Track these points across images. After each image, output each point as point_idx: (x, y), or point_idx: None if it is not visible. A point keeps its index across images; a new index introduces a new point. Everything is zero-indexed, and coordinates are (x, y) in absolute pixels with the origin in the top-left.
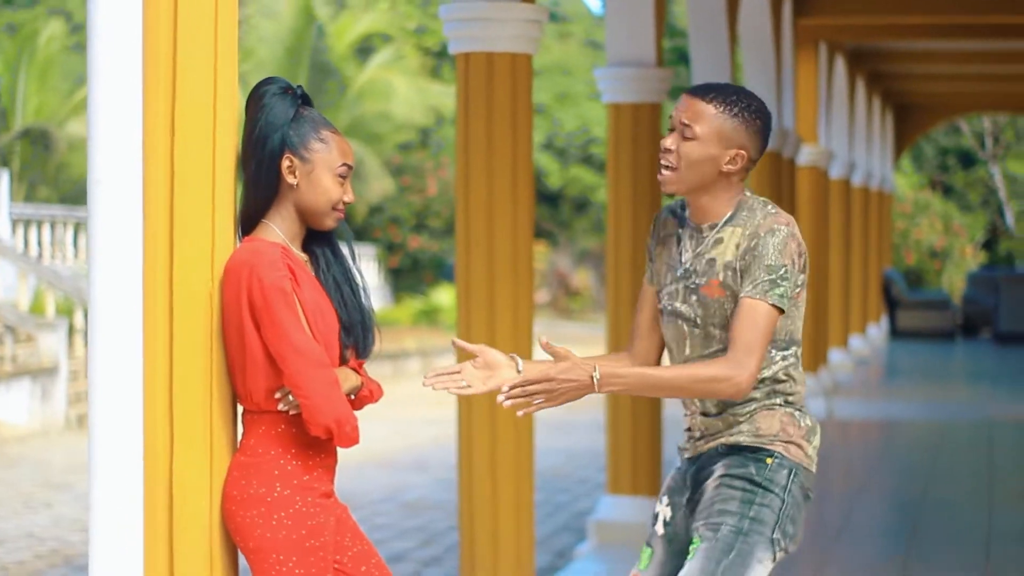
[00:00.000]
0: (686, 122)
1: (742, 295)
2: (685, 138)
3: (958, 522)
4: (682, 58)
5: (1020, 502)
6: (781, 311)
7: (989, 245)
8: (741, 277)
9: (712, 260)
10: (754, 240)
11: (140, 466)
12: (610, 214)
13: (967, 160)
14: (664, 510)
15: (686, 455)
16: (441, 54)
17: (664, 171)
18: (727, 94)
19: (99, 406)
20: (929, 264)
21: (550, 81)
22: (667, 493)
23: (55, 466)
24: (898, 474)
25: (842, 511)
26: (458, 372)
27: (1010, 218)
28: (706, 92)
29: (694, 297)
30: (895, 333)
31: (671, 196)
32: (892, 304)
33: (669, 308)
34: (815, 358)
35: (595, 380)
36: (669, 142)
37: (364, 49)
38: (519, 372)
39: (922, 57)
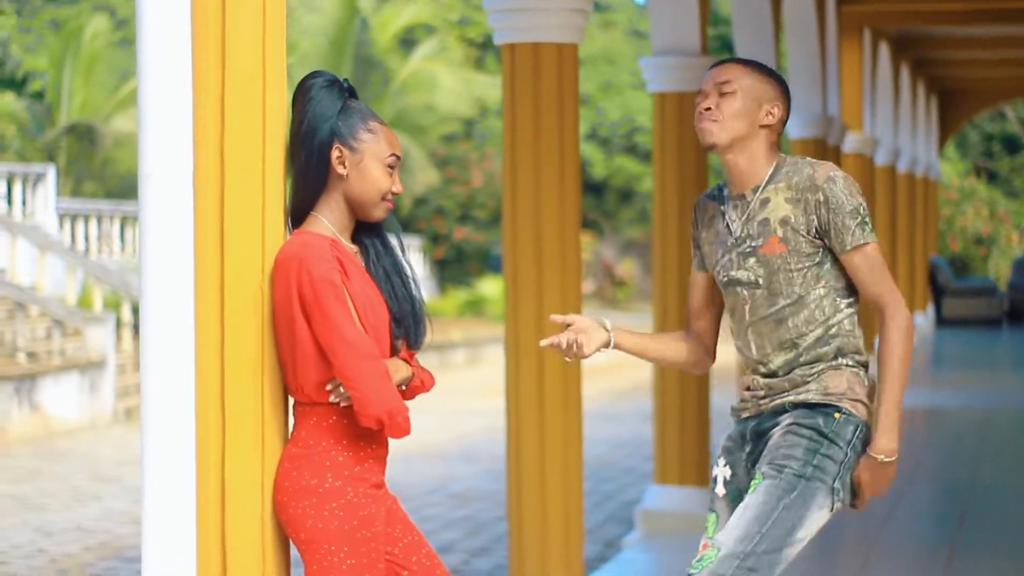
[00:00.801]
0: (724, 80)
1: (847, 248)
2: (724, 94)
3: (1006, 510)
4: (725, 46)
5: None
6: (877, 242)
7: None
8: (824, 232)
9: (765, 220)
10: (817, 193)
11: (192, 458)
12: (656, 203)
13: (1012, 146)
14: (723, 471)
15: (744, 415)
16: (484, 45)
17: (706, 123)
18: (752, 61)
19: (151, 399)
20: (975, 251)
21: (594, 70)
22: (723, 454)
23: (104, 459)
24: (945, 462)
25: (889, 498)
26: (560, 342)
27: None
28: (734, 59)
29: (752, 260)
30: (941, 321)
31: (711, 150)
32: (938, 292)
33: (726, 279)
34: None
35: (881, 460)
36: (709, 102)
37: (407, 41)
38: (609, 331)
39: (966, 43)
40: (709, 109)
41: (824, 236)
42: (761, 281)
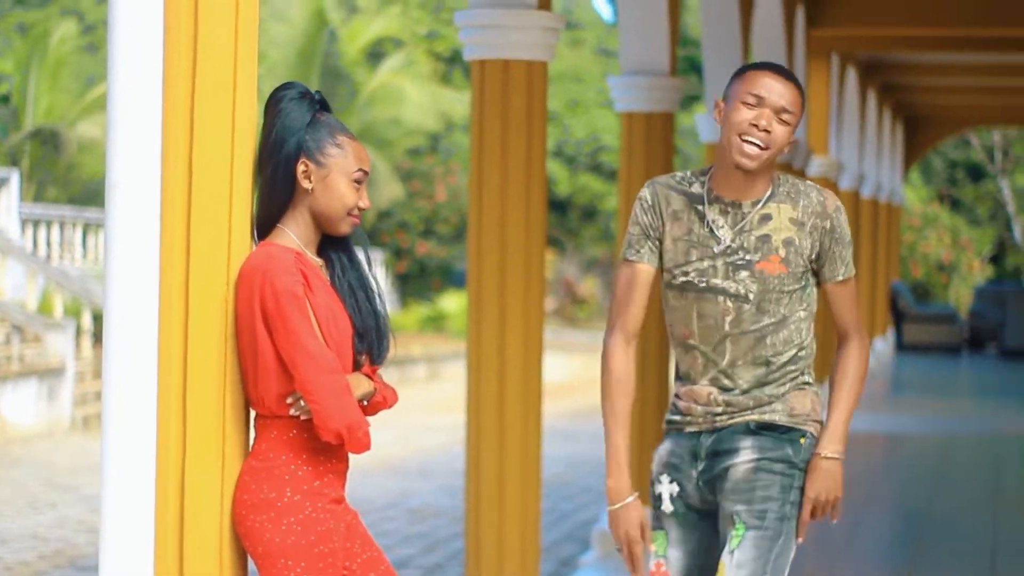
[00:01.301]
0: (788, 108)
1: (838, 278)
2: (782, 122)
3: (963, 536)
4: (694, 67)
5: None
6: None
7: (997, 259)
8: (817, 258)
9: (765, 236)
10: (826, 220)
11: (152, 469)
12: (621, 223)
13: (976, 174)
14: (669, 488)
15: (690, 429)
16: (452, 59)
17: (756, 148)
18: (798, 81)
19: (112, 408)
20: (936, 278)
21: (561, 88)
22: (667, 471)
23: (60, 467)
24: (904, 487)
25: (848, 524)
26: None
27: (1018, 233)
28: (792, 78)
29: (744, 273)
30: (901, 347)
31: (749, 171)
32: (899, 317)
33: (702, 284)
34: (821, 370)
35: (829, 457)
36: (765, 123)
37: (375, 54)
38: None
39: (933, 69)
40: (767, 132)
41: (817, 262)
42: (752, 297)
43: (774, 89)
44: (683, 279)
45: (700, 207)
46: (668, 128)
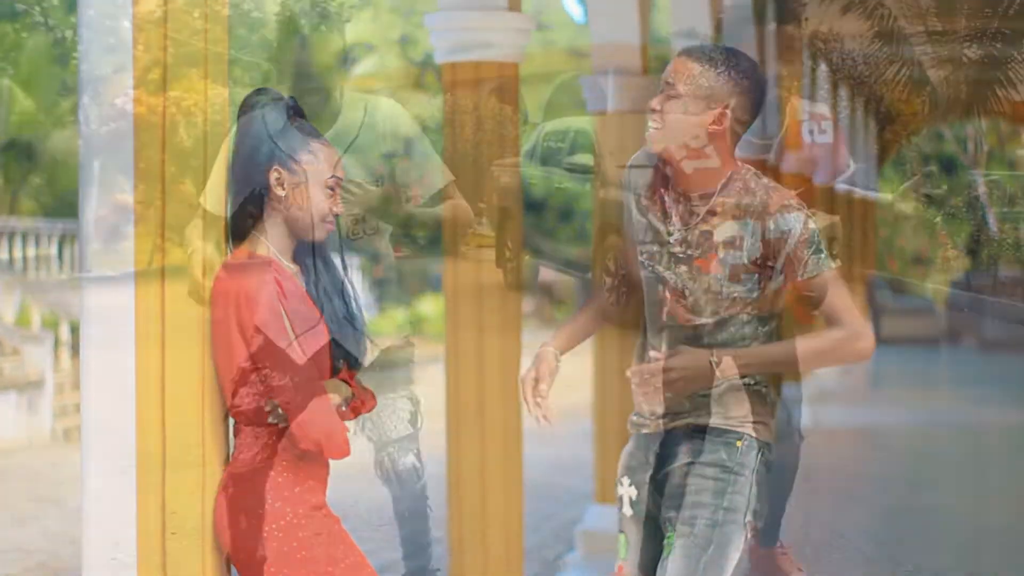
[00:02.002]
0: (670, 81)
1: (800, 279)
2: (669, 97)
3: (945, 530)
4: (665, 66)
5: (1007, 509)
6: (834, 269)
7: (973, 252)
8: (766, 259)
9: (707, 233)
10: (769, 221)
11: (133, 479)
12: (595, 224)
13: (950, 166)
14: (628, 491)
15: (644, 431)
16: (425, 63)
17: (651, 130)
18: (713, 52)
19: (92, 420)
20: (913, 271)
21: (533, 89)
22: (627, 473)
23: (42, 479)
24: (884, 482)
25: (828, 521)
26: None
27: (993, 224)
28: (691, 51)
29: (683, 267)
30: (879, 340)
31: (657, 153)
32: (876, 311)
33: (648, 268)
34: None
35: (711, 358)
36: (655, 102)
37: (347, 59)
38: (556, 359)
39: (906, 63)
40: (655, 111)
41: (773, 264)
42: (687, 292)
43: (666, 70)
44: (640, 257)
45: (663, 191)
46: (641, 128)
